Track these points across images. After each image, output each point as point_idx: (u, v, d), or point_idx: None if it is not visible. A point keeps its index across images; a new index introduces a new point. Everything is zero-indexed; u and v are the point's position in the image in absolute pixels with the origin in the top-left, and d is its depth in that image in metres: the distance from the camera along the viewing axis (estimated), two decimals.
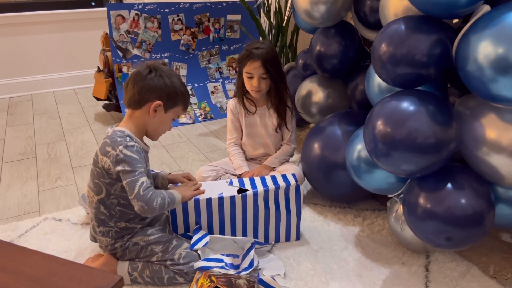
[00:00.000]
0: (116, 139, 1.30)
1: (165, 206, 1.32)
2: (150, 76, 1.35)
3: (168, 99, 1.37)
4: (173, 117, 1.43)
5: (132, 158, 1.28)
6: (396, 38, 1.22)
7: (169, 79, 1.36)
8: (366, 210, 1.77)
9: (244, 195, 1.47)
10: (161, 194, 1.32)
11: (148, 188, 1.28)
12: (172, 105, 1.39)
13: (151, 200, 1.27)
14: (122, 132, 1.34)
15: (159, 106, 1.36)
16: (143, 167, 1.30)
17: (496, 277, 1.38)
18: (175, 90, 1.37)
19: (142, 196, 1.26)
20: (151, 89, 1.34)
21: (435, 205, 1.21)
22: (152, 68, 1.36)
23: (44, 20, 3.50)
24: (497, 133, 1.14)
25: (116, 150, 1.28)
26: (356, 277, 1.40)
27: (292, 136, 1.94)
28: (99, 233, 1.39)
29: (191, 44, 3.02)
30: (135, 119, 1.38)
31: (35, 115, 3.07)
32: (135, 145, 1.31)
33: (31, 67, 3.57)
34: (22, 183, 2.08)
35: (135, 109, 1.37)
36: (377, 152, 1.25)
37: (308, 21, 1.86)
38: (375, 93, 1.48)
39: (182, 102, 1.42)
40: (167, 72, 1.38)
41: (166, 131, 1.46)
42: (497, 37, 1.02)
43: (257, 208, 1.50)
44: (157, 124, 1.40)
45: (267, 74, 1.74)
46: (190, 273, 1.35)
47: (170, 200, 1.34)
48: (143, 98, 1.35)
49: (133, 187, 1.26)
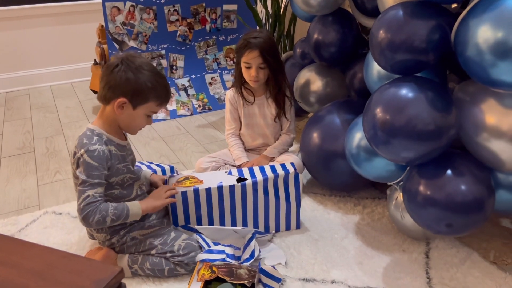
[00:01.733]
0: (82, 140, 1.28)
1: (107, 222, 1.26)
2: (115, 70, 1.27)
3: (135, 95, 1.28)
4: (146, 113, 1.34)
5: (89, 165, 1.25)
6: (395, 24, 1.21)
7: (135, 74, 1.27)
8: (366, 199, 1.77)
9: (244, 184, 1.47)
10: (103, 211, 1.24)
11: (90, 203, 1.23)
12: (141, 102, 1.30)
13: (87, 216, 1.23)
14: (92, 132, 1.30)
15: (125, 103, 1.29)
16: (99, 176, 1.26)
17: (496, 263, 1.39)
18: (140, 86, 1.27)
19: (81, 209, 1.24)
20: (114, 85, 1.27)
21: (435, 192, 1.20)
22: (120, 61, 1.28)
23: (39, 14, 3.46)
24: (497, 119, 1.13)
25: (78, 152, 1.26)
26: (357, 265, 1.40)
27: (291, 126, 1.93)
28: (94, 230, 1.39)
29: (187, 35, 3.00)
30: (106, 114, 1.33)
31: (33, 110, 3.05)
32: (97, 149, 1.26)
33: (27, 61, 3.55)
34: (21, 177, 2.07)
35: (105, 104, 1.33)
36: (377, 140, 1.24)
37: (305, 9, 1.84)
38: (374, 81, 1.47)
39: (154, 97, 1.32)
40: (135, 66, 1.28)
41: (144, 126, 1.39)
42: (496, 21, 1.01)
43: (256, 197, 1.50)
44: (127, 121, 1.34)
45: (265, 64, 1.73)
46: (191, 264, 1.35)
47: (115, 216, 1.26)
48: (108, 94, 1.29)
49: (78, 197, 1.25)
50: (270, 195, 1.51)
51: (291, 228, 1.58)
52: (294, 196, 1.53)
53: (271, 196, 1.51)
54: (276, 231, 1.58)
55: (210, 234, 1.48)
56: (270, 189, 1.50)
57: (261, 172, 1.52)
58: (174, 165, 2.10)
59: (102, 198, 1.27)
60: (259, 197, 1.50)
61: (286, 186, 1.51)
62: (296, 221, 1.58)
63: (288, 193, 1.53)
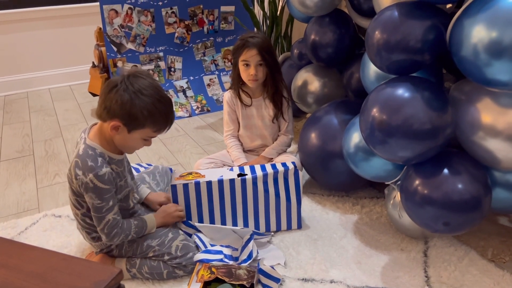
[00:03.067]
0: (87, 163, 1.22)
1: (129, 238, 1.34)
2: (113, 91, 1.19)
3: (130, 120, 1.21)
4: (142, 137, 1.27)
5: (101, 190, 1.23)
6: (390, 24, 1.22)
7: (132, 99, 1.18)
8: (364, 198, 1.78)
9: (244, 179, 1.50)
10: (126, 231, 1.31)
11: (114, 226, 1.27)
12: (137, 127, 1.23)
13: (113, 237, 1.29)
14: (94, 151, 1.25)
15: (119, 126, 1.22)
16: (112, 197, 1.27)
17: (494, 261, 1.40)
18: (135, 112, 1.19)
19: (106, 233, 1.28)
20: (109, 107, 1.20)
21: (432, 191, 1.21)
22: (122, 79, 1.20)
23: (37, 17, 3.47)
24: (492, 117, 1.14)
25: (87, 177, 1.21)
26: (356, 264, 1.41)
27: (289, 127, 1.94)
28: (92, 239, 1.38)
29: (185, 37, 3.00)
30: (104, 131, 1.28)
31: (31, 113, 3.06)
32: (106, 172, 1.23)
33: (25, 65, 3.55)
34: (20, 180, 2.08)
35: (102, 121, 1.28)
36: (373, 140, 1.25)
37: (302, 10, 1.85)
38: (371, 81, 1.48)
39: (151, 124, 1.24)
40: (135, 89, 1.19)
41: (140, 148, 1.33)
42: (490, 21, 1.02)
43: (256, 192, 1.52)
44: (122, 143, 1.28)
45: (263, 62, 1.74)
46: (189, 265, 1.36)
47: (136, 233, 1.35)
48: (103, 113, 1.23)
49: (99, 223, 1.28)
50: (270, 192, 1.53)
51: (292, 227, 1.59)
52: (294, 193, 1.55)
53: (271, 193, 1.53)
54: (277, 230, 1.59)
55: (209, 232, 1.49)
56: (270, 186, 1.52)
57: (262, 168, 1.54)
58: (173, 166, 2.11)
59: (120, 216, 1.30)
60: (259, 193, 1.52)
61: (286, 183, 1.53)
62: (298, 220, 1.59)
63: (288, 191, 1.54)
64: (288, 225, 1.59)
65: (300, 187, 1.55)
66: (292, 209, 1.56)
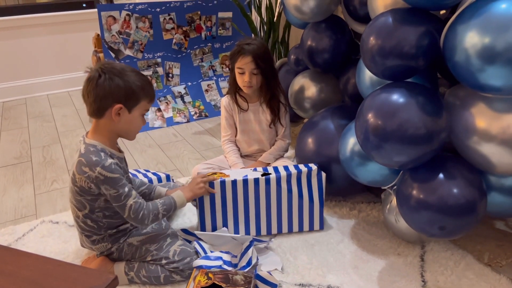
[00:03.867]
0: (92, 159, 1.26)
1: (159, 218, 1.35)
2: (100, 81, 1.25)
3: (128, 99, 1.28)
4: (141, 113, 1.35)
5: (112, 179, 1.26)
6: (384, 30, 1.23)
7: (121, 78, 1.27)
8: (361, 203, 1.78)
9: (268, 178, 1.53)
10: (154, 210, 1.34)
11: (137, 209, 1.30)
12: (135, 103, 1.31)
13: (142, 220, 1.31)
14: (95, 147, 1.29)
15: (121, 109, 1.29)
16: (125, 184, 1.29)
17: (491, 265, 1.40)
18: (131, 88, 1.28)
19: (133, 218, 1.31)
20: (105, 95, 1.26)
21: (427, 195, 1.22)
22: (100, 71, 1.26)
23: (35, 23, 3.48)
24: (487, 122, 1.15)
25: (95, 171, 1.25)
26: (353, 269, 1.41)
27: (286, 132, 1.94)
28: (92, 243, 1.38)
29: (183, 43, 3.02)
30: (102, 128, 1.32)
31: (30, 119, 3.06)
32: (111, 162, 1.27)
33: (24, 71, 3.56)
34: (18, 187, 2.08)
35: (97, 118, 1.31)
36: (369, 145, 1.26)
37: (298, 16, 1.87)
38: (366, 86, 1.49)
39: (145, 95, 1.32)
40: (118, 71, 1.27)
41: (141, 127, 1.40)
42: (483, 27, 1.03)
43: (280, 192, 1.55)
44: (126, 126, 1.34)
45: (258, 70, 1.75)
46: (186, 270, 1.36)
47: (166, 211, 1.37)
48: (100, 106, 1.28)
49: (123, 212, 1.30)
50: (294, 193, 1.55)
51: (314, 228, 1.61)
52: (317, 194, 1.58)
53: (294, 194, 1.55)
54: (299, 230, 1.60)
55: (209, 240, 1.50)
56: (294, 186, 1.55)
57: (285, 169, 1.57)
58: (171, 172, 2.12)
59: (141, 199, 1.33)
60: (282, 193, 1.55)
61: (309, 183, 1.56)
62: (320, 221, 1.61)
63: (311, 191, 1.57)
64: (310, 225, 1.61)
65: (323, 188, 1.58)
66: (315, 209, 1.59)
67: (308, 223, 1.60)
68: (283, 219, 1.58)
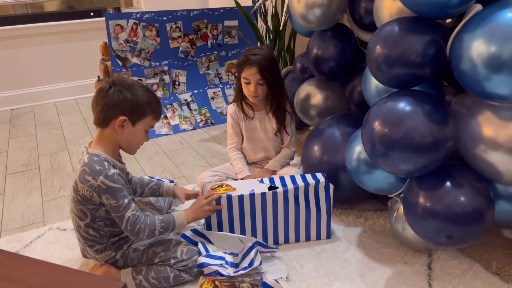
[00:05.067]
0: (95, 168, 1.28)
1: (156, 234, 1.35)
2: (110, 92, 1.30)
3: (133, 112, 1.32)
4: (145, 128, 1.38)
5: (114, 189, 1.28)
6: (390, 39, 1.24)
7: (130, 92, 1.31)
8: (367, 211, 1.78)
9: (275, 192, 1.51)
10: (151, 225, 1.33)
11: (135, 222, 1.30)
12: (140, 117, 1.34)
13: (138, 233, 1.32)
14: (98, 157, 1.31)
15: (125, 121, 1.32)
16: (126, 195, 1.30)
17: (499, 274, 1.39)
18: (137, 102, 1.32)
19: (129, 230, 1.32)
20: (112, 106, 1.30)
21: (434, 204, 1.21)
22: (112, 83, 1.31)
23: (44, 32, 3.53)
24: (493, 130, 1.15)
25: (97, 180, 1.27)
26: (359, 277, 1.41)
27: (292, 139, 1.95)
28: (95, 252, 1.39)
29: (189, 51, 3.04)
30: (106, 138, 1.35)
31: (37, 126, 3.09)
32: (114, 172, 1.29)
33: (32, 79, 3.60)
34: (26, 194, 2.10)
35: (103, 128, 1.35)
36: (376, 153, 1.26)
37: (304, 25, 1.88)
38: (372, 95, 1.49)
39: (151, 111, 1.36)
40: (128, 85, 1.32)
41: (143, 143, 1.42)
42: (489, 36, 1.03)
43: (287, 205, 1.54)
44: (128, 139, 1.37)
45: (263, 80, 1.76)
46: (194, 268, 1.38)
47: (163, 228, 1.36)
48: (106, 116, 1.31)
49: (121, 223, 1.32)
50: (301, 204, 1.55)
51: (322, 238, 1.61)
52: (324, 205, 1.57)
53: (301, 205, 1.55)
54: (306, 240, 1.60)
55: (216, 240, 1.51)
56: (301, 198, 1.54)
57: (292, 181, 1.56)
58: (177, 179, 2.13)
59: (139, 212, 1.33)
60: (289, 206, 1.54)
61: (316, 195, 1.55)
62: (327, 230, 1.60)
63: (318, 203, 1.56)
64: (317, 235, 1.61)
65: (331, 199, 1.57)
66: (322, 220, 1.59)
67: (315, 233, 1.60)
68: (290, 229, 1.58)
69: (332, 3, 1.74)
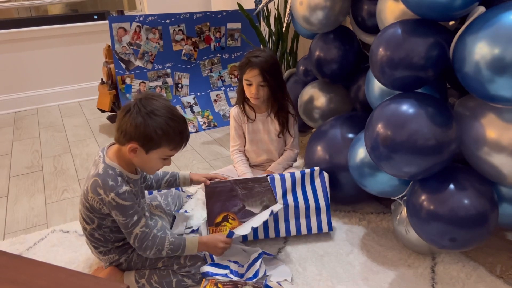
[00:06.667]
0: (108, 183, 1.25)
1: (163, 255, 1.32)
2: (127, 114, 1.24)
3: (145, 141, 1.24)
4: (160, 157, 1.30)
5: (124, 207, 1.26)
6: (393, 42, 1.24)
7: (145, 120, 1.22)
8: (371, 214, 1.77)
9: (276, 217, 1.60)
10: (159, 245, 1.30)
11: (143, 239, 1.29)
12: (153, 147, 1.26)
13: (145, 250, 1.30)
14: (114, 171, 1.28)
15: (136, 148, 1.26)
16: (136, 212, 1.29)
17: (503, 277, 1.38)
18: (149, 134, 1.22)
19: (137, 246, 1.30)
20: (125, 130, 1.24)
21: (438, 206, 1.21)
22: (135, 103, 1.24)
23: (47, 35, 3.54)
24: (497, 133, 1.14)
25: (109, 196, 1.24)
26: (363, 280, 1.40)
27: (295, 141, 1.95)
28: (100, 253, 1.40)
29: (192, 54, 3.05)
30: (122, 154, 1.31)
31: (41, 129, 3.10)
32: (126, 190, 1.26)
33: (35, 82, 3.62)
34: (29, 196, 2.10)
35: (120, 145, 1.31)
36: (379, 155, 1.26)
37: (307, 27, 1.88)
38: (375, 97, 1.49)
39: (167, 143, 1.26)
40: (148, 110, 1.22)
41: (159, 168, 1.36)
42: (492, 38, 1.03)
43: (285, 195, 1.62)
44: (142, 164, 1.32)
45: (265, 82, 1.76)
46: (197, 274, 1.37)
47: (172, 250, 1.32)
48: (120, 137, 1.27)
49: (129, 238, 1.31)
50: (298, 193, 1.62)
51: (323, 230, 1.62)
52: (322, 194, 1.63)
53: (299, 194, 1.62)
54: (308, 233, 1.62)
55: None
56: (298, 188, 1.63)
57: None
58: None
59: (148, 228, 1.31)
60: (288, 196, 1.61)
61: (312, 183, 1.65)
62: (328, 222, 1.62)
63: (315, 191, 1.63)
64: (318, 227, 1.62)
65: (327, 187, 1.65)
66: (321, 209, 1.63)
67: (316, 224, 1.61)
68: (291, 221, 1.61)
69: (335, 5, 1.74)
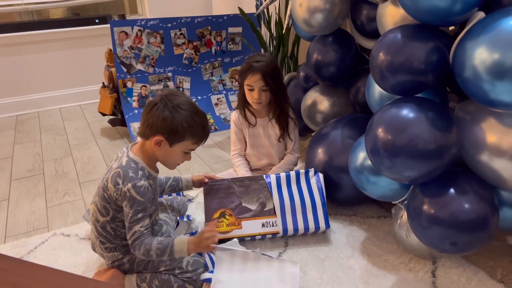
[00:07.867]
0: (128, 173, 1.30)
1: (151, 256, 1.29)
2: (154, 109, 1.31)
3: (171, 133, 1.31)
4: (183, 150, 1.36)
5: (135, 201, 1.28)
6: (394, 46, 1.24)
7: (172, 113, 1.29)
8: (371, 218, 1.77)
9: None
10: (147, 245, 1.28)
11: (137, 238, 1.29)
12: (177, 140, 1.33)
13: (134, 248, 1.30)
14: (136, 164, 1.33)
15: (162, 141, 1.32)
16: (144, 210, 1.30)
17: (503, 281, 1.38)
18: (176, 125, 1.30)
19: (130, 243, 1.31)
20: (152, 123, 1.31)
21: (438, 211, 1.21)
22: (161, 98, 1.31)
23: (49, 39, 3.56)
24: (497, 137, 1.15)
25: (125, 186, 1.28)
26: (363, 284, 1.40)
27: (295, 146, 1.95)
28: (105, 249, 1.40)
29: (193, 58, 3.06)
30: (146, 149, 1.36)
31: (42, 132, 3.11)
32: (144, 185, 1.30)
33: (37, 85, 3.63)
34: (30, 199, 2.10)
35: (144, 140, 1.36)
36: (379, 160, 1.26)
37: (307, 29, 1.89)
38: (376, 101, 1.50)
39: (191, 136, 1.34)
40: (174, 105, 1.30)
41: (181, 162, 1.41)
42: (492, 43, 1.03)
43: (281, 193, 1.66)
44: (164, 158, 1.37)
45: (267, 87, 1.77)
46: (199, 280, 1.37)
47: (160, 250, 1.29)
48: (146, 131, 1.33)
49: (128, 232, 1.31)
50: (294, 191, 1.65)
51: (321, 228, 1.63)
52: (317, 191, 1.66)
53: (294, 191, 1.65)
54: (305, 230, 1.63)
55: None
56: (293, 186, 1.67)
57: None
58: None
59: (148, 230, 1.31)
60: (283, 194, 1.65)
61: (308, 182, 1.68)
62: (325, 219, 1.63)
63: (311, 189, 1.66)
64: (316, 225, 1.63)
65: (322, 186, 1.67)
66: (318, 206, 1.64)
67: (313, 222, 1.63)
68: (287, 218, 1.62)
69: (334, 8, 1.75)
